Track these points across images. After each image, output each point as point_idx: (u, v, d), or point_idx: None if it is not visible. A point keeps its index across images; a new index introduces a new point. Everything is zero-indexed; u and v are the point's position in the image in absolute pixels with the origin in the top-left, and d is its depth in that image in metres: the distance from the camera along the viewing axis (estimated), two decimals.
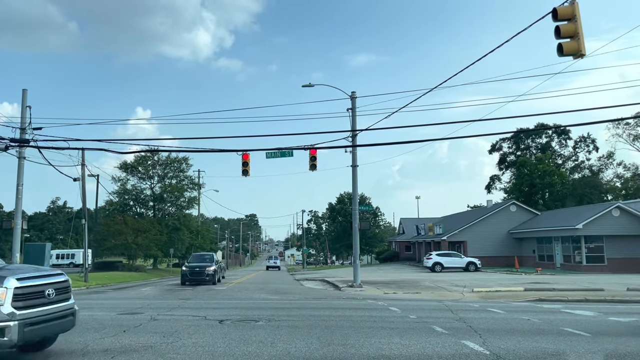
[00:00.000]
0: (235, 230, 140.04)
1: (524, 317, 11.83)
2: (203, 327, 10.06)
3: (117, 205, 53.94)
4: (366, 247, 74.05)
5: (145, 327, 10.11)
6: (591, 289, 20.85)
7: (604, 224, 37.76)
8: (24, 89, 23.96)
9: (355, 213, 25.51)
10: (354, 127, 24.44)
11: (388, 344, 8.13)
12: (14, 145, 21.59)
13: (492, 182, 74.83)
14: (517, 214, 49.44)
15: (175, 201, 55.83)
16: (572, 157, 70.23)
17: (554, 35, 10.52)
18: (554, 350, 7.74)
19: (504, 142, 72.91)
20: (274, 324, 10.37)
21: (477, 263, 40.86)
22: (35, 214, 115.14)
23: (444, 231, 51.89)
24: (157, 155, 54.47)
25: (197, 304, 15.46)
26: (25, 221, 30.39)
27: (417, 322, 10.81)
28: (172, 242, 50.51)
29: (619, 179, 67.19)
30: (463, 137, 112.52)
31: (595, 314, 12.55)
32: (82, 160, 32.16)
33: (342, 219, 76.65)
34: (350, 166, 25.55)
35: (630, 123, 58.92)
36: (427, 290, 21.87)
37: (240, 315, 12.11)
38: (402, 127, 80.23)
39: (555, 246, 42.02)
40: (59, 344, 8.29)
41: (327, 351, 7.60)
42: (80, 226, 47.48)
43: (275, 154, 22.37)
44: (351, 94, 24.99)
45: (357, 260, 25.00)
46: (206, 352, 7.54)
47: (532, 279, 27.96)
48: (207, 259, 29.25)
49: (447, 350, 7.72)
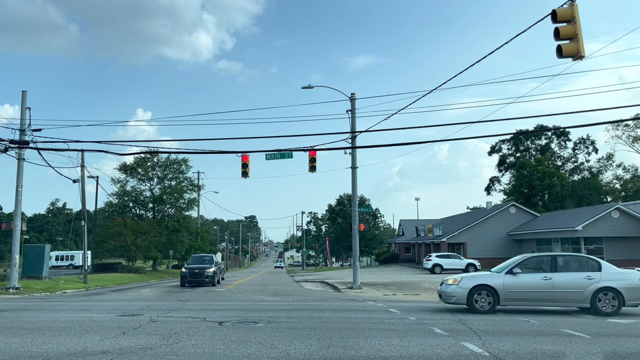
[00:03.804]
0: (234, 232, 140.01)
1: (523, 318, 11.83)
2: (202, 328, 10.06)
3: (117, 207, 53.90)
4: (366, 248, 74.00)
5: (144, 328, 10.10)
6: None
7: (603, 225, 37.77)
8: (24, 91, 23.95)
9: (355, 214, 25.49)
10: (354, 128, 24.44)
11: (388, 346, 8.13)
12: (13, 147, 21.60)
13: (492, 184, 74.86)
14: (516, 216, 49.43)
15: (174, 203, 55.79)
16: (572, 159, 70.28)
17: (553, 37, 10.54)
18: (553, 352, 7.74)
19: (503, 143, 72.96)
20: (274, 326, 10.36)
21: (477, 265, 40.84)
22: (35, 216, 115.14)
23: (443, 233, 51.88)
24: (157, 157, 54.52)
25: (197, 305, 15.44)
26: (25, 223, 30.35)
27: (416, 324, 10.80)
28: (171, 244, 50.48)
29: (618, 180, 67.26)
30: (462, 138, 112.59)
31: (594, 316, 12.54)
32: (82, 162, 32.20)
33: (342, 220, 76.60)
34: (349, 168, 25.56)
35: (630, 125, 59.01)
36: (427, 291, 21.86)
37: (239, 316, 12.11)
38: (402, 129, 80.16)
39: (555, 248, 42.01)
40: (57, 345, 8.29)
41: (326, 353, 7.59)
42: (79, 228, 47.36)
43: (275, 155, 22.39)
44: (350, 96, 24.98)
45: (357, 262, 24.98)
46: (206, 353, 7.53)
47: None
48: (207, 260, 29.24)
49: (447, 351, 7.72)
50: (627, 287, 12.40)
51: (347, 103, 25.02)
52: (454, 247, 49.04)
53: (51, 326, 10.57)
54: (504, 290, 12.71)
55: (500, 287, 12.75)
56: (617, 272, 12.92)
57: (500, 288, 12.74)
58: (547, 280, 12.60)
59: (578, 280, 12.56)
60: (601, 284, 12.43)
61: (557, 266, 12.94)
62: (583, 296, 12.47)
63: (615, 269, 13.07)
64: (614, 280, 12.50)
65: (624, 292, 12.34)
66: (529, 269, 13.07)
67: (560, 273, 12.75)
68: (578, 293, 12.51)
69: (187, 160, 56.42)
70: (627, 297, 12.35)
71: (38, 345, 8.35)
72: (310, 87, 25.57)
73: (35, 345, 8.29)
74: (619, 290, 12.35)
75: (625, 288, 12.38)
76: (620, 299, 12.35)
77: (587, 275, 12.59)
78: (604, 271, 12.71)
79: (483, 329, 10.02)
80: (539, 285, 12.64)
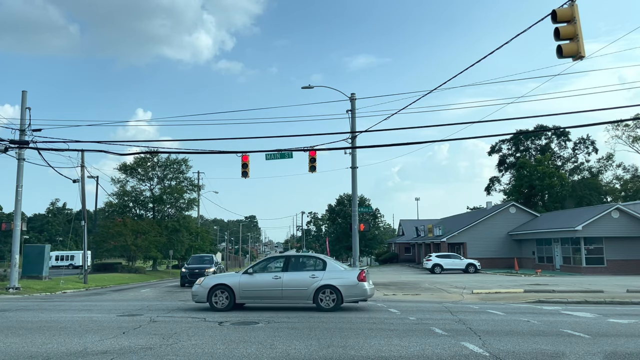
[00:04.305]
0: (234, 231, 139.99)
1: (523, 318, 11.83)
2: (202, 328, 10.06)
3: (117, 207, 53.90)
4: (366, 248, 74.04)
5: (144, 328, 10.10)
6: (591, 291, 20.85)
7: (603, 225, 37.78)
8: (24, 91, 23.97)
9: (355, 214, 25.49)
10: (354, 128, 24.44)
11: (388, 346, 8.13)
12: (13, 147, 21.60)
13: (492, 184, 74.88)
14: (516, 216, 49.46)
15: (174, 203, 55.79)
16: (572, 159, 70.29)
17: (553, 37, 10.54)
18: (553, 352, 7.74)
19: (503, 143, 72.98)
20: (274, 326, 10.36)
21: (477, 265, 40.86)
22: (35, 216, 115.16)
23: (443, 233, 51.90)
24: (157, 157, 54.52)
25: (197, 305, 15.44)
26: (25, 223, 30.34)
27: (416, 324, 10.80)
28: (171, 244, 50.48)
29: (618, 180, 67.27)
30: (462, 138, 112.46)
31: (594, 316, 12.55)
32: (82, 162, 32.19)
33: (342, 220, 76.64)
34: (349, 168, 25.54)
35: (630, 125, 59.03)
36: (427, 291, 21.86)
37: (239, 316, 12.11)
38: (402, 129, 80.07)
39: (555, 248, 42.02)
40: (57, 345, 8.29)
41: (326, 353, 7.59)
42: (79, 228, 47.44)
43: (275, 155, 22.38)
44: (350, 96, 24.98)
45: (357, 262, 24.96)
46: (205, 353, 7.53)
47: (532, 281, 27.96)
48: (207, 260, 29.27)
49: (447, 351, 7.72)
50: (344, 285, 13.28)
51: (347, 103, 25.03)
52: (454, 247, 49.06)
53: (51, 326, 10.58)
54: (240, 289, 13.49)
55: (236, 286, 13.53)
56: (339, 270, 13.73)
57: (236, 287, 13.52)
58: (277, 280, 13.47)
59: (304, 279, 13.42)
60: (323, 282, 13.28)
61: (288, 266, 13.84)
62: (307, 293, 13.31)
63: (339, 268, 13.86)
64: (334, 279, 13.33)
65: (342, 290, 13.22)
66: (264, 269, 13.97)
67: (289, 272, 13.63)
68: (303, 291, 13.33)
69: (187, 160, 56.50)
70: (345, 294, 13.22)
71: (38, 345, 8.35)
72: (310, 87, 25.56)
73: (35, 345, 8.30)
74: (337, 288, 13.21)
75: (343, 286, 13.26)
76: (339, 295, 13.20)
77: (312, 275, 13.46)
78: (327, 270, 13.55)
79: (483, 329, 10.02)
80: (269, 284, 13.47)
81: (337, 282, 13.26)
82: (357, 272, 13.64)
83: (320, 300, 13.18)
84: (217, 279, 13.98)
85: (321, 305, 13.15)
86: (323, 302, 13.17)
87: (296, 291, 13.37)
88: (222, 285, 13.55)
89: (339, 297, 13.17)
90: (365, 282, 13.44)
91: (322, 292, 13.21)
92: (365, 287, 13.40)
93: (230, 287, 13.49)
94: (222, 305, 13.40)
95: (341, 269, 13.88)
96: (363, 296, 13.57)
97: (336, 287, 13.20)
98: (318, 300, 13.18)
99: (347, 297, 13.28)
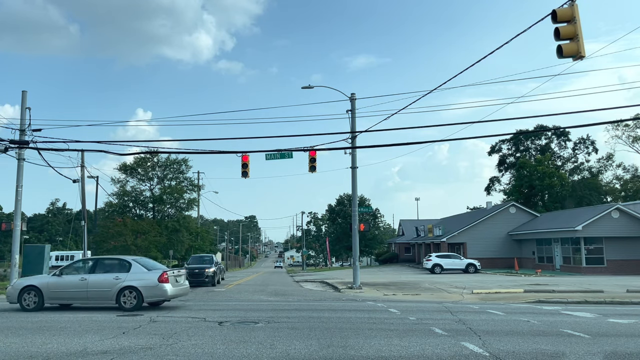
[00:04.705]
0: (234, 232, 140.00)
1: (523, 318, 11.83)
2: (202, 328, 10.06)
3: (117, 207, 53.93)
4: (366, 248, 73.98)
5: (144, 328, 10.10)
6: (591, 291, 20.84)
7: (603, 225, 37.74)
8: (24, 91, 23.93)
9: (355, 214, 25.48)
10: (354, 128, 24.43)
11: (388, 346, 8.13)
12: (13, 147, 21.58)
13: (492, 184, 74.82)
14: (516, 216, 49.42)
15: (174, 203, 55.81)
16: (572, 159, 70.24)
17: (553, 37, 10.54)
18: (553, 352, 7.74)
19: (503, 143, 72.93)
20: (274, 326, 10.36)
21: (477, 265, 40.83)
22: (35, 216, 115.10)
23: (443, 233, 51.87)
24: (157, 157, 54.52)
25: (197, 305, 15.45)
26: (25, 223, 30.34)
27: (416, 324, 10.80)
28: (171, 244, 50.52)
29: (618, 180, 67.23)
30: (463, 138, 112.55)
31: (594, 316, 12.54)
32: (82, 162, 32.20)
33: (342, 220, 76.59)
34: (349, 168, 25.53)
35: (630, 125, 58.97)
36: (427, 291, 21.86)
37: (239, 316, 12.11)
38: (402, 129, 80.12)
39: (555, 248, 42.01)
40: (57, 345, 8.29)
41: (326, 353, 7.59)
42: (79, 228, 47.46)
43: (275, 155, 22.38)
44: (350, 96, 24.96)
45: (357, 262, 24.96)
46: (205, 353, 7.53)
47: (532, 281, 27.94)
48: (207, 260, 29.24)
49: (447, 351, 7.72)
50: (145, 286, 13.73)
51: (347, 103, 25.01)
52: (454, 247, 49.04)
53: (51, 326, 10.58)
54: (48, 290, 13.92)
55: (44, 287, 13.95)
56: (142, 272, 14.08)
57: (45, 288, 13.94)
58: (83, 281, 13.93)
59: (108, 280, 13.87)
60: (125, 284, 13.74)
61: (95, 268, 14.32)
62: (110, 294, 13.75)
63: (143, 270, 14.19)
64: (136, 280, 13.79)
65: (143, 290, 13.68)
66: (74, 271, 14.45)
67: (96, 274, 14.10)
68: (106, 292, 13.78)
69: (187, 160, 56.52)
70: (145, 294, 13.69)
71: (38, 345, 8.35)
72: (310, 87, 25.55)
73: (35, 345, 8.30)
74: (138, 289, 13.67)
75: (144, 287, 13.71)
76: (140, 296, 13.65)
77: (116, 276, 13.89)
78: (131, 272, 14.00)
79: (483, 329, 10.02)
80: (76, 285, 13.93)
81: (138, 284, 13.69)
82: (158, 274, 13.97)
83: (123, 301, 13.59)
84: (27, 281, 14.49)
85: (124, 306, 13.54)
86: (125, 303, 13.58)
87: (100, 292, 13.78)
88: (32, 287, 13.97)
89: (139, 298, 13.60)
90: (167, 283, 13.87)
91: (124, 293, 13.65)
92: (166, 287, 13.78)
93: (39, 288, 13.90)
94: (30, 305, 13.81)
95: (145, 271, 14.13)
96: (163, 297, 13.97)
97: (137, 288, 13.63)
98: (120, 301, 13.59)
99: (147, 297, 13.72)
